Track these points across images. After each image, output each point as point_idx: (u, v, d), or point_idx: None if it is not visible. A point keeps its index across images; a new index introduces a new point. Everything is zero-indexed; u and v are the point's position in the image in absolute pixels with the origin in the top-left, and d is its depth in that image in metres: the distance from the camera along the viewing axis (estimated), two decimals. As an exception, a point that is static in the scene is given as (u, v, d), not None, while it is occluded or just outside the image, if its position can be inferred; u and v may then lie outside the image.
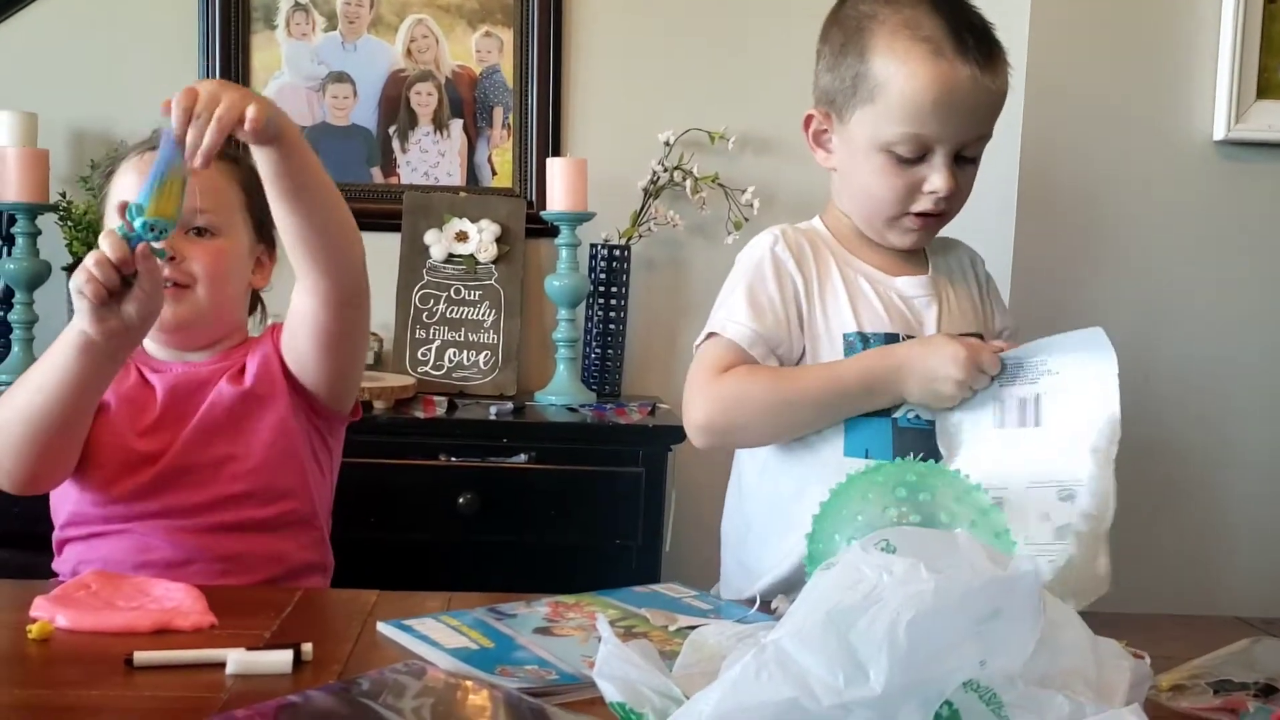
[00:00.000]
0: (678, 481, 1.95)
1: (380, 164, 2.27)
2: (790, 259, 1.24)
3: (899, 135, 1.18)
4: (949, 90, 1.16)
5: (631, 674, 0.73)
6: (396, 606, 1.05)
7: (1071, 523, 1.04)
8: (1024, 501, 1.06)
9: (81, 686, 0.85)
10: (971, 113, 1.19)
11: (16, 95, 2.13)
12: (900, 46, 1.17)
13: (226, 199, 1.32)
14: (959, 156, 1.21)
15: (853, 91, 1.21)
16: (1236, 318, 1.93)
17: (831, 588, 0.67)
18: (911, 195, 1.21)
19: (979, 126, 1.21)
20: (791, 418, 1.19)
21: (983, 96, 1.19)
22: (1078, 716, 0.64)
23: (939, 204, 1.21)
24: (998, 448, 1.12)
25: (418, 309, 2.16)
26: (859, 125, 1.21)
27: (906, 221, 1.23)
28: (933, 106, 1.16)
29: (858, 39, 1.21)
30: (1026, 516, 1.06)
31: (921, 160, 1.20)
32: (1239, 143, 1.90)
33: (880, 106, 1.19)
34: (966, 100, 1.17)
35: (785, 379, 1.19)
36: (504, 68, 2.27)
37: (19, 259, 2.00)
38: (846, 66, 1.21)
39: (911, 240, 1.26)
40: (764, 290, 1.23)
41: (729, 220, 2.21)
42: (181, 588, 1.04)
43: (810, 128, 1.28)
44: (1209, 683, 0.90)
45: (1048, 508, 1.06)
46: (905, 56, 1.17)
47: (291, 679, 0.86)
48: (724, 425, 1.20)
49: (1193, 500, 1.96)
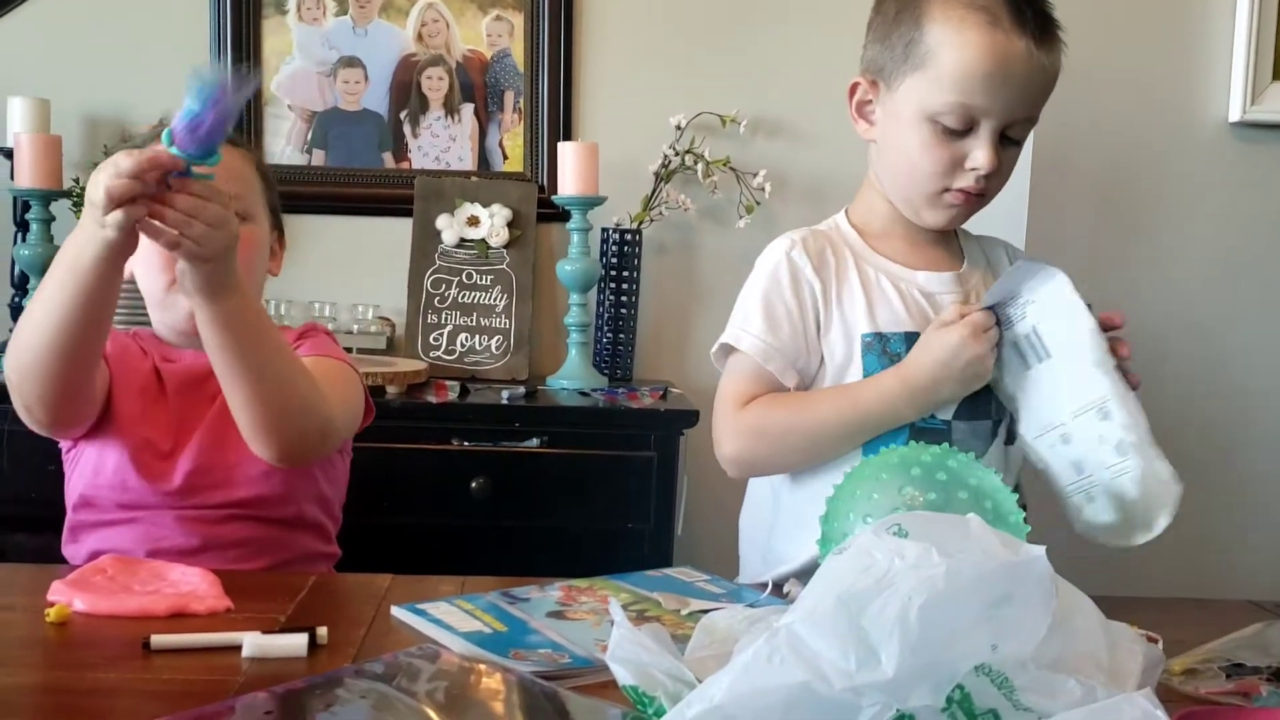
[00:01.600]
0: (689, 466, 1.95)
1: (392, 149, 2.27)
2: (808, 265, 1.23)
3: (947, 105, 1.16)
4: (1002, 62, 1.14)
5: (644, 658, 0.73)
6: (410, 590, 1.06)
7: (1122, 437, 1.08)
8: (1082, 431, 1.10)
9: (99, 669, 0.85)
10: (1023, 89, 1.17)
11: (30, 82, 2.13)
12: (956, 14, 1.15)
13: (252, 184, 1.32)
14: (1004, 136, 1.18)
15: (904, 58, 1.18)
16: (1252, 299, 1.93)
17: (843, 572, 0.67)
18: (953, 170, 1.19)
19: (1028, 105, 1.18)
20: (813, 449, 1.19)
21: (1035, 74, 1.17)
22: (1089, 700, 0.64)
23: (979, 181, 1.19)
24: (1036, 388, 1.14)
25: (430, 294, 2.16)
26: (907, 93, 1.19)
27: (947, 198, 1.21)
28: (984, 78, 1.14)
29: (913, 6, 1.19)
30: (1090, 445, 1.10)
31: (967, 134, 1.17)
32: (1255, 124, 1.89)
33: (931, 74, 1.16)
34: (1018, 74, 1.15)
35: (805, 411, 1.19)
36: (515, 52, 2.26)
37: (33, 245, 2.01)
38: (899, 34, 1.19)
39: (947, 218, 1.23)
40: (780, 300, 1.22)
41: (740, 204, 2.20)
42: (197, 572, 1.04)
43: (855, 97, 1.26)
44: (1221, 666, 0.90)
45: (1098, 430, 1.09)
46: (961, 24, 1.15)
47: (307, 662, 0.87)
48: (750, 459, 1.22)
49: (1208, 483, 1.95)
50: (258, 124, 2.23)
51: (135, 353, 1.31)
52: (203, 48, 2.20)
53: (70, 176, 2.08)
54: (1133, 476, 1.07)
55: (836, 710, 0.63)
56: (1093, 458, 1.10)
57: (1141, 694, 0.63)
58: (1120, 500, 1.09)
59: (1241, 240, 1.91)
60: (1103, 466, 1.09)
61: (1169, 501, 1.07)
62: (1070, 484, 1.12)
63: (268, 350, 1.13)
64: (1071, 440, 1.11)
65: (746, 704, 0.64)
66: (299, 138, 2.25)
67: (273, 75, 2.23)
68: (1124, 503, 1.08)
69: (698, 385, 2.22)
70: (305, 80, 2.24)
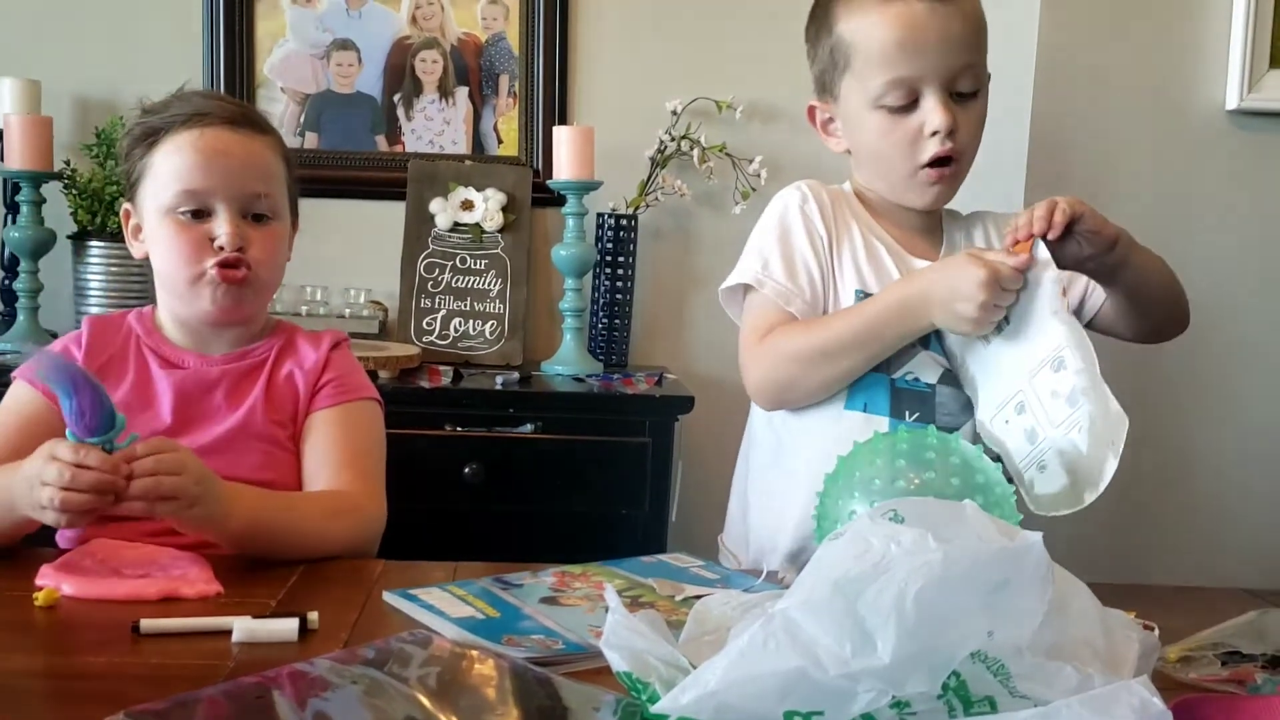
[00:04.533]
0: (684, 451, 1.95)
1: (385, 132, 2.25)
2: (817, 215, 1.27)
3: (881, 85, 1.21)
4: (909, 26, 1.20)
5: (638, 644, 0.73)
6: (402, 576, 1.05)
7: (1075, 384, 1.08)
8: (1036, 392, 1.11)
9: (88, 653, 0.85)
10: (942, 42, 1.20)
11: (20, 62, 2.12)
12: (855, 6, 1.23)
13: (279, 178, 1.26)
14: (954, 94, 1.22)
15: (833, 65, 1.26)
16: (1248, 288, 1.92)
17: (839, 557, 0.67)
18: (916, 144, 1.23)
19: (959, 56, 1.21)
20: (833, 365, 1.20)
21: (952, 24, 1.20)
22: (1085, 687, 0.64)
23: (944, 143, 1.22)
24: (995, 363, 1.16)
25: (423, 278, 2.15)
26: (849, 95, 1.26)
27: (922, 176, 1.24)
28: (898, 46, 1.20)
29: (824, 16, 1.28)
30: (1044, 404, 1.11)
31: (914, 107, 1.22)
32: (1252, 112, 1.88)
33: (858, 66, 1.23)
34: (931, 31, 1.20)
35: (819, 329, 1.21)
36: (510, 35, 2.25)
37: (23, 227, 1.99)
38: (823, 45, 1.28)
39: (932, 196, 1.26)
40: (799, 249, 1.26)
41: (736, 190, 2.20)
42: (188, 556, 1.04)
43: (816, 120, 1.33)
44: (1217, 654, 0.90)
45: (1052, 385, 1.10)
46: (862, 11, 1.22)
47: (297, 647, 0.86)
48: (774, 385, 1.24)
49: (1202, 472, 1.95)
50: (250, 106, 2.22)
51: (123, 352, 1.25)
52: (195, 30, 2.19)
53: (61, 158, 2.06)
54: (1083, 427, 1.07)
55: (832, 696, 0.63)
56: (1045, 419, 1.10)
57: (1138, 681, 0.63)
58: (1070, 460, 1.08)
59: (1239, 228, 1.91)
60: (1054, 425, 1.09)
61: (1118, 438, 1.05)
62: (1025, 459, 1.12)
63: (295, 535, 1.11)
64: (1026, 408, 1.12)
65: (741, 690, 0.64)
66: (292, 120, 2.24)
67: (266, 57, 2.22)
68: (1074, 462, 1.07)
69: (693, 371, 2.22)
70: (298, 62, 2.23)
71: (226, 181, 1.21)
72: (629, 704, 0.73)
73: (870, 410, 1.21)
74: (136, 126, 1.25)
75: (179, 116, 1.22)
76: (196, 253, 1.20)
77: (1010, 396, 1.14)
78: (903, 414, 1.20)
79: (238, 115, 1.25)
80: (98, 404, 0.99)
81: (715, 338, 2.19)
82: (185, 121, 1.21)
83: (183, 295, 1.23)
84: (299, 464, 1.24)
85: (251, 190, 1.22)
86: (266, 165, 1.25)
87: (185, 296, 1.23)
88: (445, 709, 0.71)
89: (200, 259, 1.20)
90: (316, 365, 1.27)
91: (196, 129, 1.21)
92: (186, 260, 1.21)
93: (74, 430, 0.99)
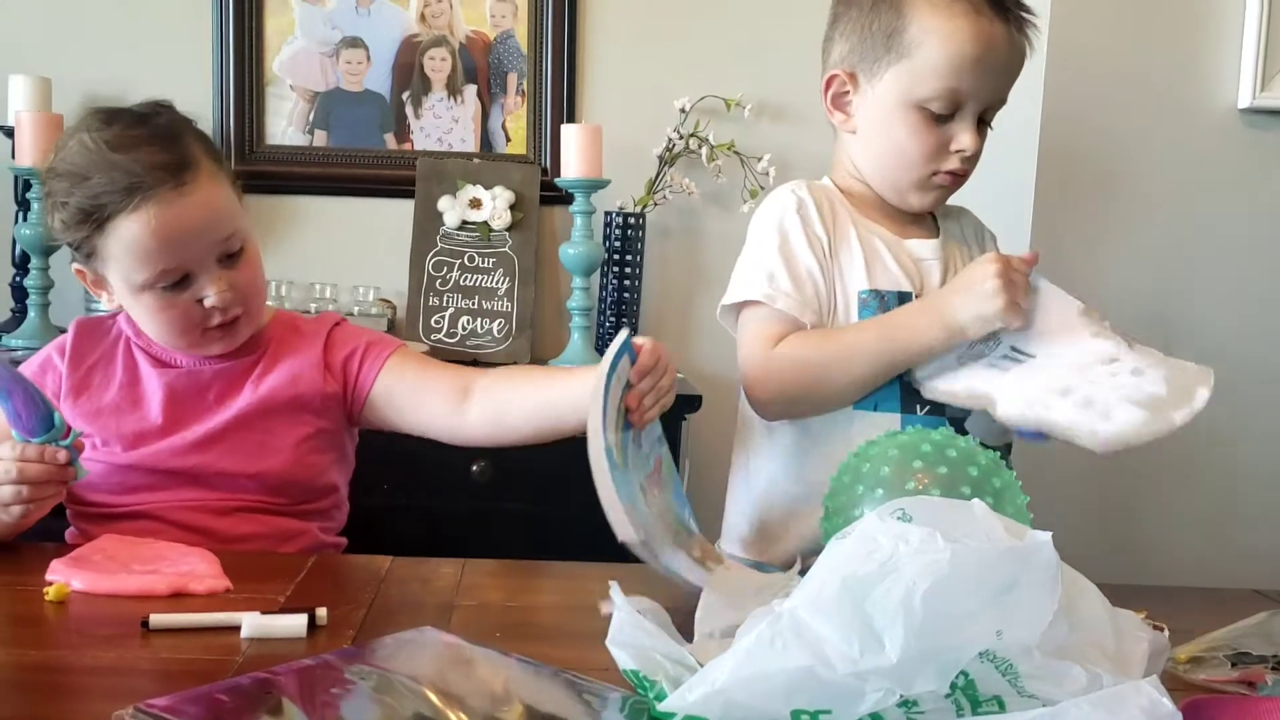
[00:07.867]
0: (691, 450, 1.95)
1: (394, 130, 2.25)
2: (816, 219, 1.25)
3: (936, 90, 1.20)
4: (989, 47, 1.19)
5: (645, 641, 0.73)
6: (410, 572, 1.06)
7: (1137, 364, 1.10)
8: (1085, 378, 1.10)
9: (98, 648, 0.85)
10: (1004, 72, 1.22)
11: (31, 60, 2.12)
12: (942, 6, 1.20)
13: (231, 204, 1.21)
14: (980, 119, 1.23)
15: (886, 49, 1.22)
16: (1259, 287, 1.92)
17: (848, 556, 0.67)
18: (940, 154, 1.23)
19: (1005, 87, 1.24)
20: (848, 377, 1.19)
21: (1015, 57, 1.23)
22: (1095, 688, 0.63)
23: (965, 163, 1.24)
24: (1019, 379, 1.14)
25: (431, 276, 2.15)
26: (890, 83, 1.22)
27: (935, 180, 1.24)
28: (973, 63, 1.19)
29: (896, 2, 1.22)
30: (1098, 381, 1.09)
31: (950, 119, 1.22)
32: (1264, 111, 1.87)
33: (917, 62, 1.20)
34: (1001, 58, 1.21)
35: (835, 339, 1.20)
36: (518, 33, 2.25)
37: (34, 224, 2.00)
38: (879, 26, 1.23)
39: (932, 200, 1.27)
40: (801, 257, 1.23)
41: (744, 188, 2.19)
42: (197, 552, 1.04)
43: (830, 90, 1.28)
44: (1227, 655, 0.90)
45: (1108, 369, 1.10)
46: (947, 13, 1.19)
47: (306, 643, 0.86)
48: (787, 396, 1.21)
49: (1213, 472, 1.94)
50: (259, 104, 2.22)
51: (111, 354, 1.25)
52: (205, 28, 2.19)
53: (71, 155, 2.06)
54: (1153, 378, 1.07)
55: (839, 695, 0.63)
56: (1105, 385, 1.08)
57: (1147, 682, 0.63)
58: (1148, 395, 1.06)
59: (1251, 227, 1.90)
60: (1117, 388, 1.07)
61: (1206, 379, 1.05)
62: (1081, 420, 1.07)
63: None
64: (1072, 391, 1.08)
65: (749, 688, 0.64)
66: (300, 118, 2.24)
67: (275, 55, 2.22)
68: (1152, 397, 1.06)
69: (700, 370, 2.21)
70: (307, 60, 2.23)
71: (195, 250, 1.17)
72: (636, 701, 0.73)
73: (881, 409, 1.20)
74: (67, 201, 1.15)
75: (113, 196, 1.13)
76: (187, 322, 1.20)
77: (1049, 388, 1.10)
78: (914, 408, 1.19)
79: (170, 165, 1.15)
80: (31, 406, 1.04)
81: (722, 337, 2.18)
82: (124, 201, 1.13)
83: (181, 348, 1.24)
84: (332, 437, 1.28)
85: (218, 239, 1.18)
86: (220, 206, 1.19)
87: (184, 349, 1.24)
88: (453, 706, 0.71)
89: (192, 325, 1.20)
90: (331, 343, 1.28)
91: (143, 210, 1.13)
92: (180, 331, 1.21)
93: (17, 431, 1.05)
